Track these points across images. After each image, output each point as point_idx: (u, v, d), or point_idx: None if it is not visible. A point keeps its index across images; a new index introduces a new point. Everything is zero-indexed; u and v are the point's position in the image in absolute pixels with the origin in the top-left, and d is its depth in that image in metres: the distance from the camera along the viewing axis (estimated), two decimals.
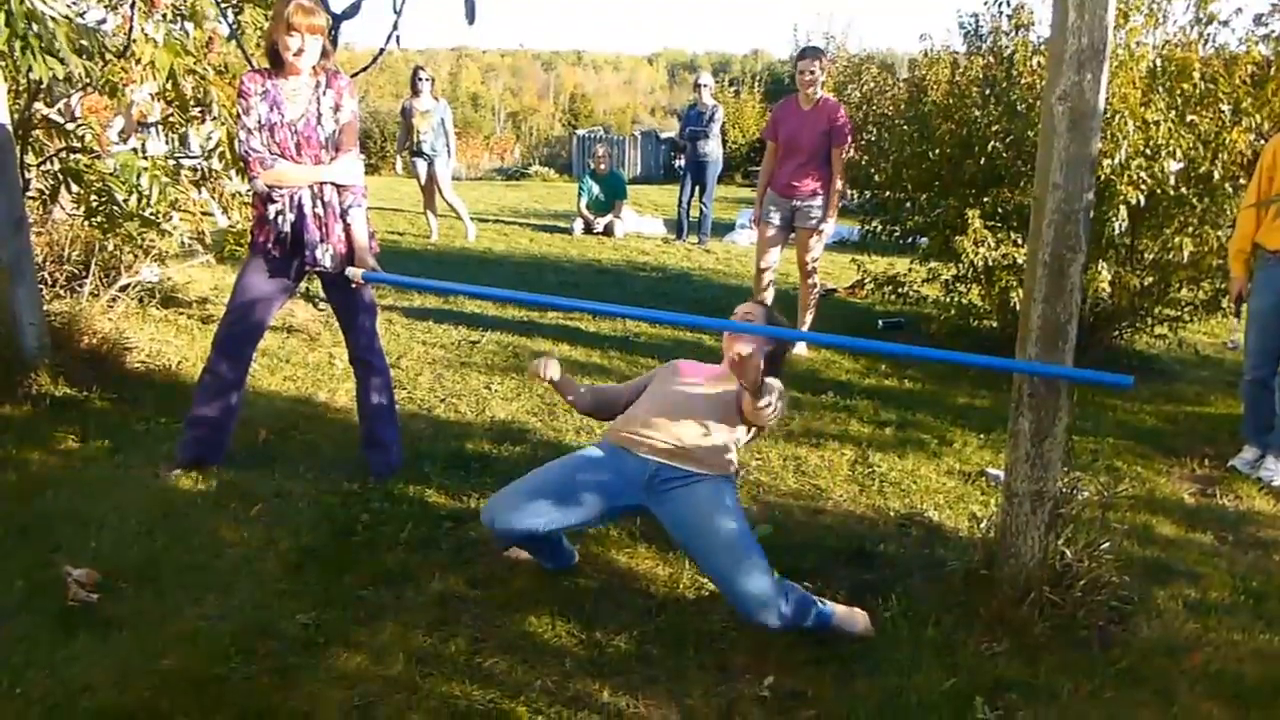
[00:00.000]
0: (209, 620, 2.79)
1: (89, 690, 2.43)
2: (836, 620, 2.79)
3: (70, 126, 5.24)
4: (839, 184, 5.98)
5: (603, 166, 11.59)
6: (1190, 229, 5.39)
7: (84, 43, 4.44)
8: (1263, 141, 4.79)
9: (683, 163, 11.73)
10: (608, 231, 11.26)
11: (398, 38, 4.60)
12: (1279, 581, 3.28)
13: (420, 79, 9.93)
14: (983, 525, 3.28)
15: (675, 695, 2.52)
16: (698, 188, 11.03)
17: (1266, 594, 3.17)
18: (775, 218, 6.12)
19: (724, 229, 11.94)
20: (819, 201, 5.98)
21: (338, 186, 3.61)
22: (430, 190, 10.17)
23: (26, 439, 4.00)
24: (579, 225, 11.36)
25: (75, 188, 5.15)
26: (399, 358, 5.53)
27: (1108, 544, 2.99)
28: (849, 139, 5.98)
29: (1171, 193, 5.22)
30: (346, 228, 3.65)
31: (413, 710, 2.42)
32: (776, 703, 2.51)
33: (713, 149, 10.90)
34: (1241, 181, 5.05)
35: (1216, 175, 5.20)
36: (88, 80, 4.68)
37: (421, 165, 9.94)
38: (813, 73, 5.91)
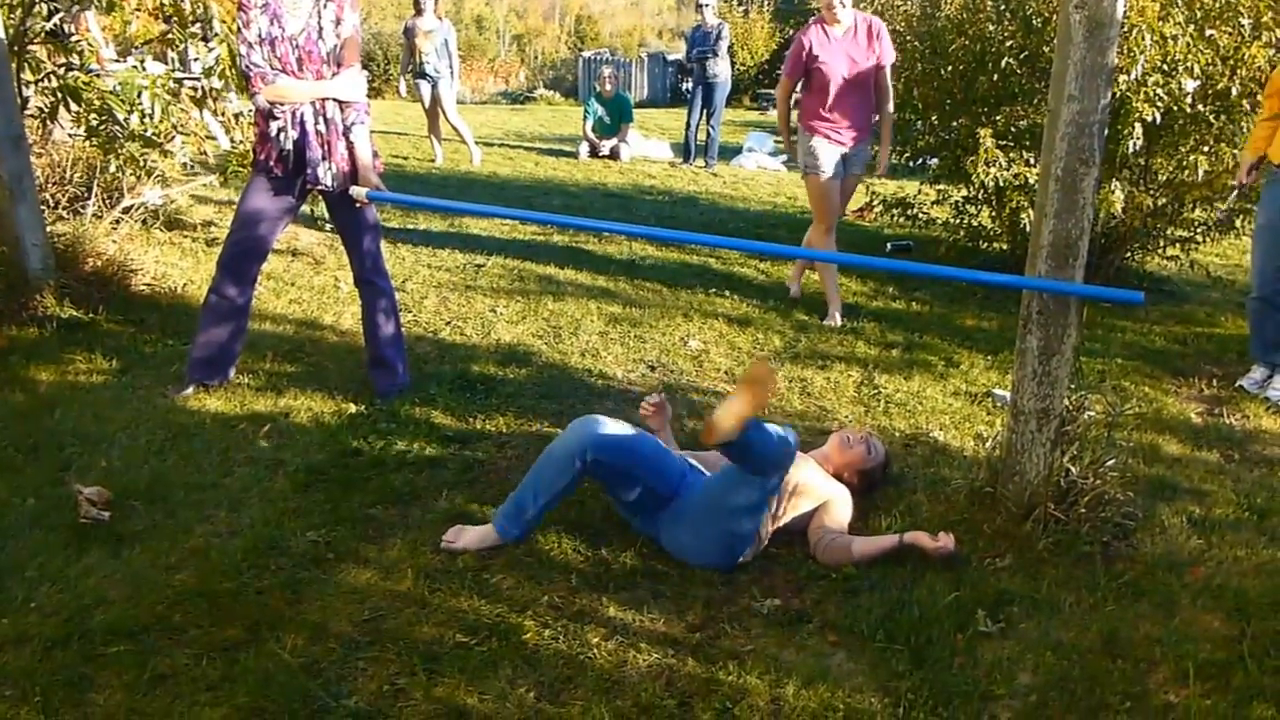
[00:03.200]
0: (220, 536, 2.82)
1: (102, 604, 2.47)
2: None
3: (73, 40, 5.14)
4: (890, 110, 5.19)
5: (608, 89, 11.40)
6: (1206, 147, 5.29)
7: None
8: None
9: (690, 85, 11.53)
10: (614, 155, 11.12)
11: None
12: None
13: None
14: (988, 444, 3.29)
15: (680, 610, 2.55)
16: (705, 110, 10.86)
17: (1270, 510, 3.18)
18: (831, 164, 5.07)
19: (731, 152, 11.80)
20: (868, 139, 5.16)
21: (340, 103, 3.56)
22: (434, 113, 10.01)
23: (34, 360, 4.02)
24: (584, 149, 11.22)
25: (75, 106, 5.08)
26: (404, 281, 5.51)
27: (1113, 461, 3.00)
28: (894, 55, 5.13)
29: (1188, 110, 5.12)
30: (349, 146, 3.60)
31: (422, 623, 2.46)
32: (780, 616, 2.54)
33: (722, 70, 10.70)
34: (1259, 98, 4.94)
35: (1234, 92, 5.09)
36: None
37: (425, 87, 9.75)
38: (843, 3, 4.90)
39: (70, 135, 5.63)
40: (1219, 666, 2.37)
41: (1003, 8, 5.78)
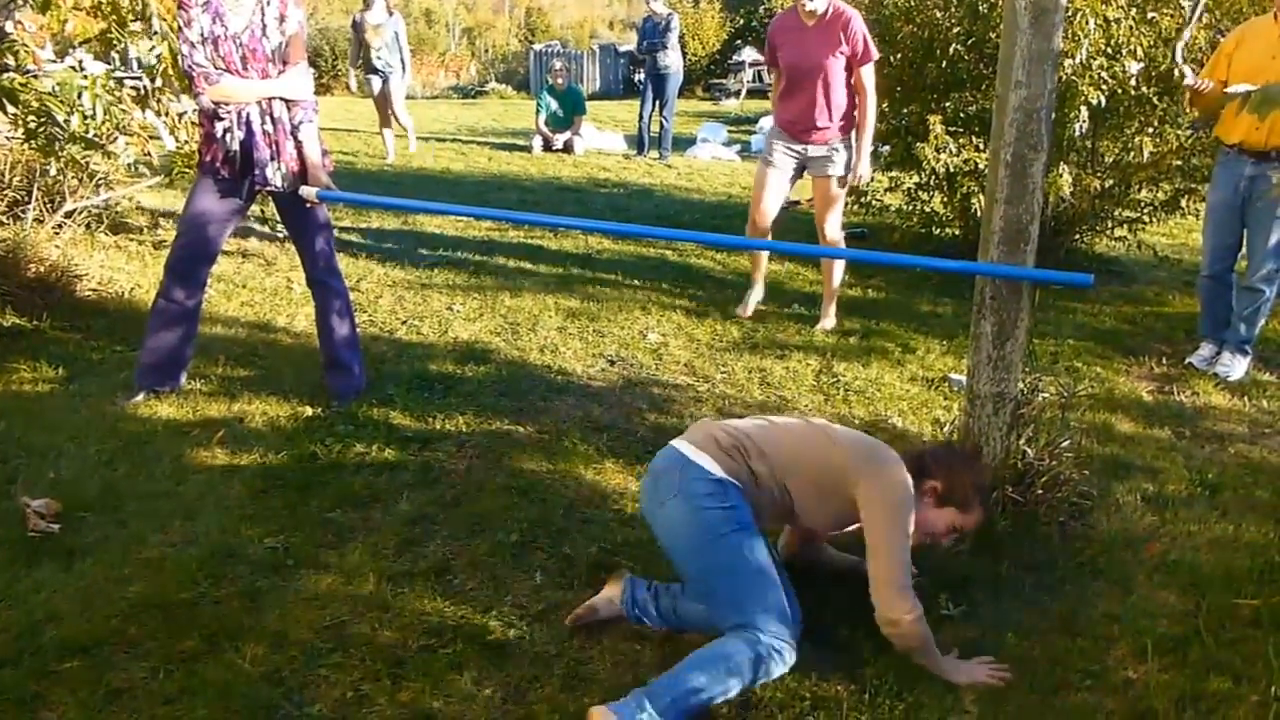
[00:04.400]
0: (175, 547, 2.77)
1: (55, 619, 2.41)
2: None
3: (8, 40, 5.00)
4: (870, 115, 4.63)
5: (560, 82, 11.35)
6: (1150, 129, 5.38)
7: None
8: (1220, 37, 4.75)
9: (642, 77, 11.50)
10: (567, 149, 11.07)
11: None
12: (1233, 473, 3.36)
13: None
14: (946, 429, 3.32)
15: None
16: (658, 102, 10.85)
17: (1221, 485, 3.24)
18: (778, 155, 4.76)
19: (685, 143, 11.80)
20: (840, 143, 4.66)
21: (287, 102, 3.50)
22: (385, 108, 9.90)
23: None
24: (538, 143, 11.16)
25: (11, 108, 4.94)
26: (358, 280, 5.44)
27: (1068, 442, 3.04)
28: (873, 53, 4.59)
29: (1133, 92, 5.19)
30: (298, 145, 3.55)
31: (385, 628, 2.43)
32: None
33: (673, 61, 10.69)
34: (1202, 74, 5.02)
35: (1176, 74, 5.17)
36: None
37: (376, 82, 9.62)
38: None
39: (8, 138, 5.48)
40: (1176, 641, 2.41)
41: None
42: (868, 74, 4.58)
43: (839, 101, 4.59)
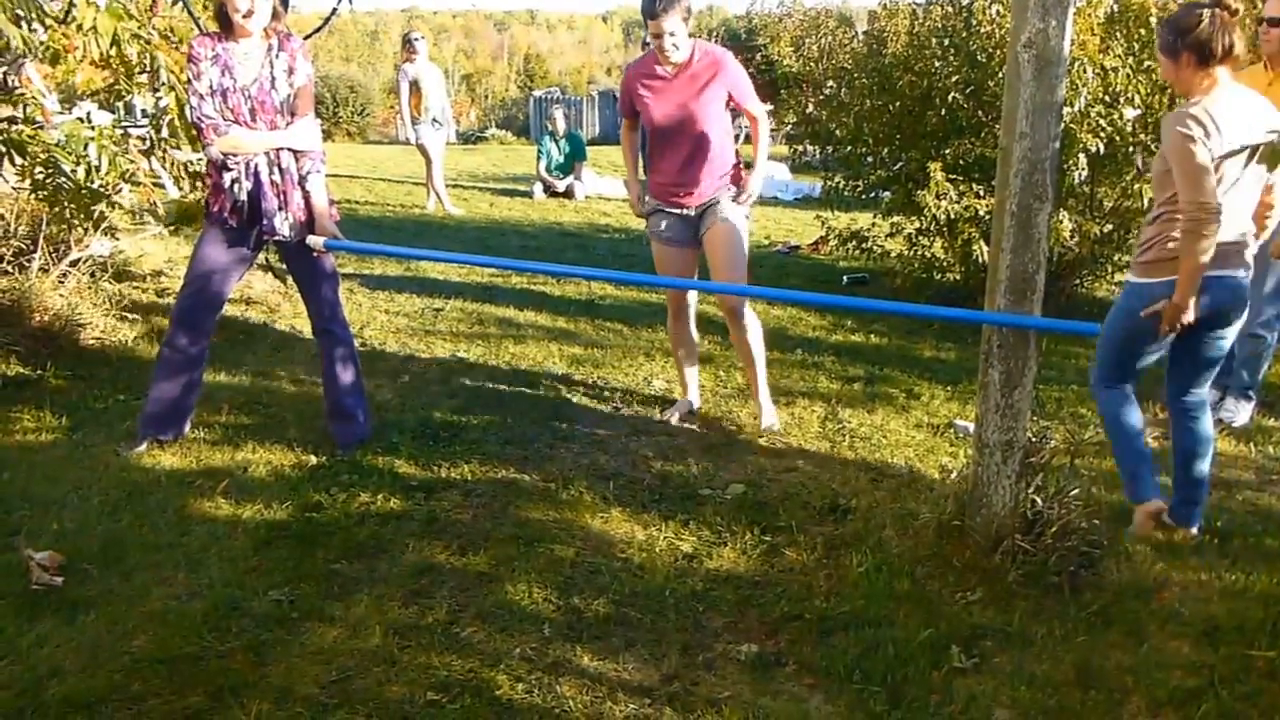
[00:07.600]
0: (179, 599, 2.74)
1: (57, 675, 2.38)
2: None
3: (16, 93, 5.05)
4: (764, 140, 3.99)
5: (561, 128, 11.46)
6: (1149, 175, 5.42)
7: (19, 11, 4.27)
8: None
9: None
10: (568, 194, 11.16)
11: None
12: (1242, 520, 3.34)
13: (415, 40, 9.61)
14: (953, 476, 3.30)
15: (654, 657, 2.52)
16: None
17: (1230, 533, 3.22)
18: (669, 228, 4.02)
19: None
20: (728, 195, 3.95)
21: (295, 152, 3.53)
22: (438, 160, 9.77)
23: None
24: (539, 188, 11.25)
25: (19, 160, 4.98)
26: (362, 327, 5.45)
27: (1076, 490, 3.02)
28: (755, 98, 3.95)
29: (1130, 139, 5.25)
30: (305, 195, 3.57)
31: (392, 682, 2.41)
32: (755, 660, 2.52)
33: None
34: None
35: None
36: (27, 49, 4.50)
37: (432, 134, 9.51)
38: (672, 35, 3.69)
39: (14, 189, 5.51)
40: (1190, 693, 2.38)
41: (947, 43, 5.90)
42: (757, 108, 3.96)
43: (720, 154, 3.91)
